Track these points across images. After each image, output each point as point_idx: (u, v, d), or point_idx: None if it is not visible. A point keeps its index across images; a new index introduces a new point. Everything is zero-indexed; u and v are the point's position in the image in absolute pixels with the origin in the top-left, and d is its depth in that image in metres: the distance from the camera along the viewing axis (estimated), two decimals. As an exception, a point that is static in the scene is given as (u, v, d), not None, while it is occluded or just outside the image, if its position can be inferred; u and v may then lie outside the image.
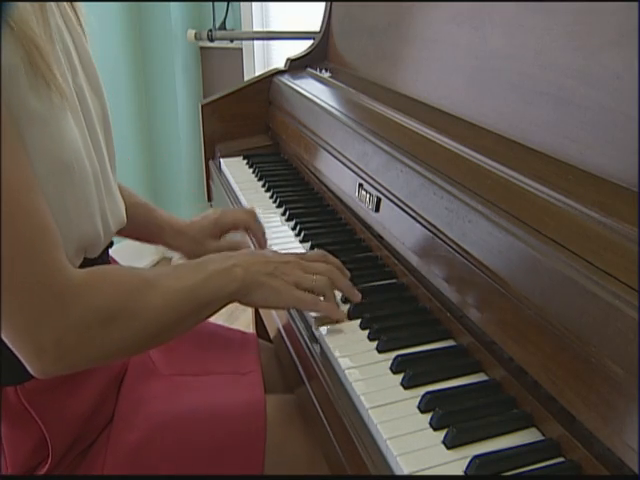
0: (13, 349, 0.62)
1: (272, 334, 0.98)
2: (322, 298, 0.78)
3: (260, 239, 1.02)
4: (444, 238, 0.74)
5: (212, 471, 0.80)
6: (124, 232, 0.94)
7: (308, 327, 0.81)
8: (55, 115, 0.66)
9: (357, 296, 0.81)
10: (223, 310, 0.76)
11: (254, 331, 1.44)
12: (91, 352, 0.65)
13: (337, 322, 0.78)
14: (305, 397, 0.77)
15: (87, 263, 0.75)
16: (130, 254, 2.07)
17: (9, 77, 0.60)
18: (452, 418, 0.62)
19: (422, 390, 0.66)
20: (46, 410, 0.74)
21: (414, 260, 0.82)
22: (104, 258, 0.83)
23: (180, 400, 0.85)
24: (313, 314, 0.80)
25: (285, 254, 0.81)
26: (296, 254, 0.82)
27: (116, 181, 0.83)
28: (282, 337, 0.87)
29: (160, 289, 0.68)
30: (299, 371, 0.80)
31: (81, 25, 0.79)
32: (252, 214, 1.04)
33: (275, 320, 0.91)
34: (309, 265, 0.78)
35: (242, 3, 2.69)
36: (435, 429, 0.61)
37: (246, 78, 2.64)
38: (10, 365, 0.67)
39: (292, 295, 0.75)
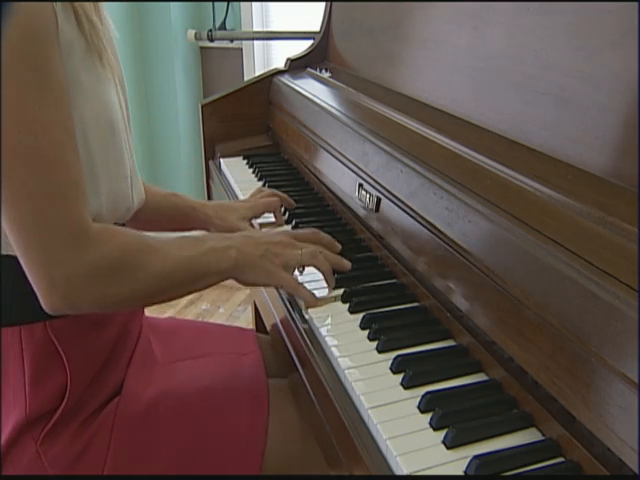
0: (31, 282, 0.70)
1: (269, 328, 0.98)
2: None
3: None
4: (444, 238, 0.74)
5: (215, 436, 0.84)
6: (162, 225, 1.05)
7: (307, 328, 0.81)
8: (102, 83, 0.76)
9: (346, 265, 0.88)
10: (223, 310, 0.76)
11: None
12: (95, 297, 0.72)
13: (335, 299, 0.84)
14: (305, 396, 0.77)
15: None
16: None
17: (67, 51, 0.70)
18: (452, 418, 0.62)
19: (422, 390, 0.66)
20: (70, 347, 0.79)
21: (414, 260, 0.82)
22: None
23: (183, 376, 0.90)
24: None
25: (276, 233, 0.87)
26: (288, 232, 0.88)
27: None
28: (282, 337, 0.87)
29: (162, 254, 0.76)
30: (298, 370, 0.80)
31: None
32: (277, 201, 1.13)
33: (274, 317, 0.92)
34: (298, 244, 0.85)
35: (242, 3, 2.69)
36: (435, 429, 0.61)
37: (246, 78, 2.64)
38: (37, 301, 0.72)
39: (279, 276, 0.83)
